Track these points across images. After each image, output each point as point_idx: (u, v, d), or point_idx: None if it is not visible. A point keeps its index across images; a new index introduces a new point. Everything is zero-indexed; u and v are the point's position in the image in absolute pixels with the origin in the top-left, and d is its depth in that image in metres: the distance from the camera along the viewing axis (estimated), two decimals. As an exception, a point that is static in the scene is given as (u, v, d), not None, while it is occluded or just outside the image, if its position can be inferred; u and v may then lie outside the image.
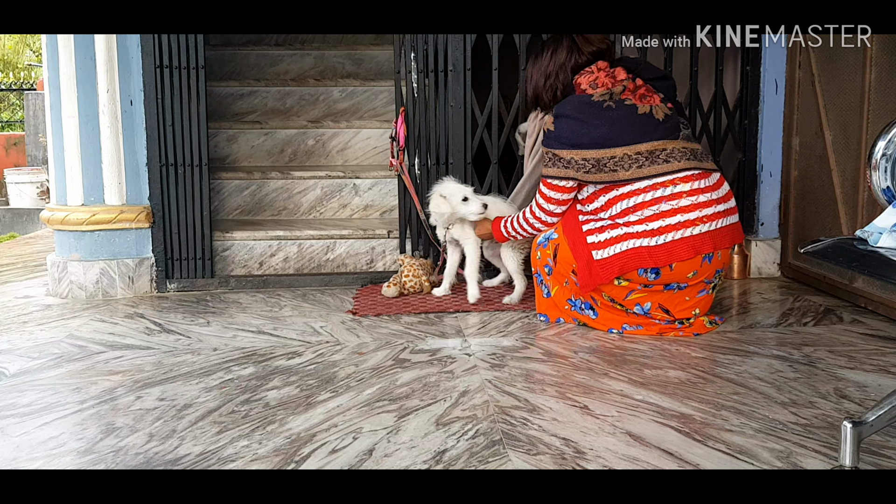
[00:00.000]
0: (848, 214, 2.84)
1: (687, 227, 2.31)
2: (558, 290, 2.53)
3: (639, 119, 2.40)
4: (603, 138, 2.37)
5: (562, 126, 2.43)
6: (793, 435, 1.66)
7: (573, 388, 1.97)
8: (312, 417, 1.80)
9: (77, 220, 3.05)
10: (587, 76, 2.49)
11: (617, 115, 2.40)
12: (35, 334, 2.56)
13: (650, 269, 2.33)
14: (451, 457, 1.58)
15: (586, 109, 2.42)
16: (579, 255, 2.40)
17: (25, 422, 1.81)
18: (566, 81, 2.55)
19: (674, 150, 2.38)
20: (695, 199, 2.34)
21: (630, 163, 2.35)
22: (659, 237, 2.31)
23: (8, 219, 8.55)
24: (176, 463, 1.57)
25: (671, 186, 2.34)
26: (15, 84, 14.16)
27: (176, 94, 3.08)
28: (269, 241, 3.30)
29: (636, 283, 2.38)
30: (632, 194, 2.36)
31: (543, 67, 2.58)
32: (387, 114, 4.10)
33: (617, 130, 2.38)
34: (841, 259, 1.48)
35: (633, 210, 2.36)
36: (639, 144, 2.36)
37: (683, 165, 2.36)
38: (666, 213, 2.33)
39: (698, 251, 2.32)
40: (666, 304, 2.43)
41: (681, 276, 2.35)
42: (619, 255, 2.34)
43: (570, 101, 2.47)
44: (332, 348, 2.35)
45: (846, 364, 2.13)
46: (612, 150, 2.36)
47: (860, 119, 2.74)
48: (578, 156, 2.39)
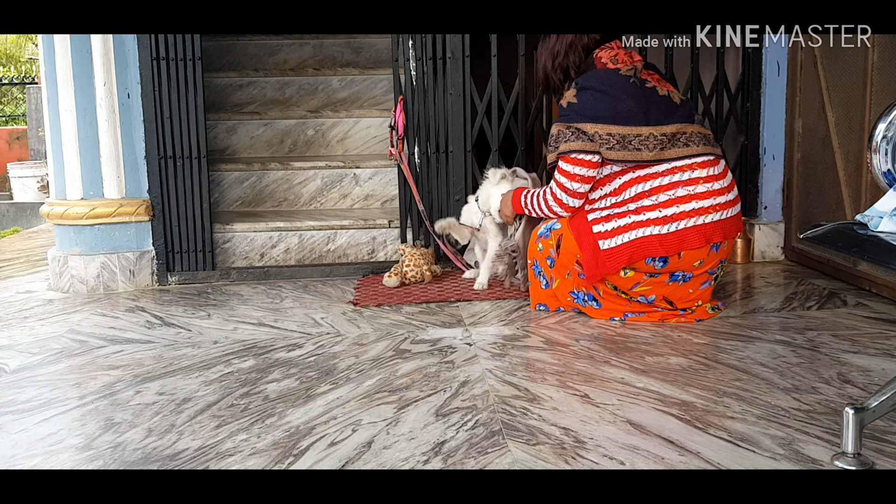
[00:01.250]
0: (851, 197, 2.81)
1: (700, 215, 2.29)
2: (560, 282, 2.49)
3: (661, 100, 2.37)
4: (629, 114, 2.32)
5: (585, 98, 2.36)
6: (795, 421, 1.65)
7: (574, 377, 1.96)
8: (312, 410, 1.79)
9: (77, 214, 3.04)
10: (608, 51, 2.43)
11: (642, 93, 2.36)
12: (36, 329, 2.56)
13: (658, 257, 2.31)
14: (451, 448, 1.57)
15: (614, 83, 2.36)
16: (584, 245, 2.36)
17: (24, 418, 1.81)
18: (578, 62, 2.48)
19: (692, 135, 2.35)
20: (710, 186, 2.32)
21: (654, 143, 2.31)
22: (671, 224, 2.28)
23: (12, 213, 8.57)
24: (174, 458, 1.57)
25: (689, 171, 2.31)
26: (17, 78, 14.15)
27: (173, 85, 3.07)
28: (270, 232, 3.29)
29: (642, 271, 2.35)
30: (649, 178, 2.32)
31: (551, 47, 2.51)
32: (386, 102, 4.08)
33: (643, 108, 2.33)
34: (841, 244, 1.46)
35: (647, 194, 2.32)
36: (663, 126, 2.33)
37: (701, 150, 2.34)
38: (682, 198, 2.30)
39: (709, 240, 2.29)
40: (670, 297, 2.41)
41: (688, 264, 2.33)
42: (627, 244, 2.30)
43: (595, 73, 2.41)
44: (332, 340, 2.34)
45: (850, 348, 2.12)
46: (639, 128, 2.31)
47: (863, 100, 2.71)
48: (603, 130, 2.32)
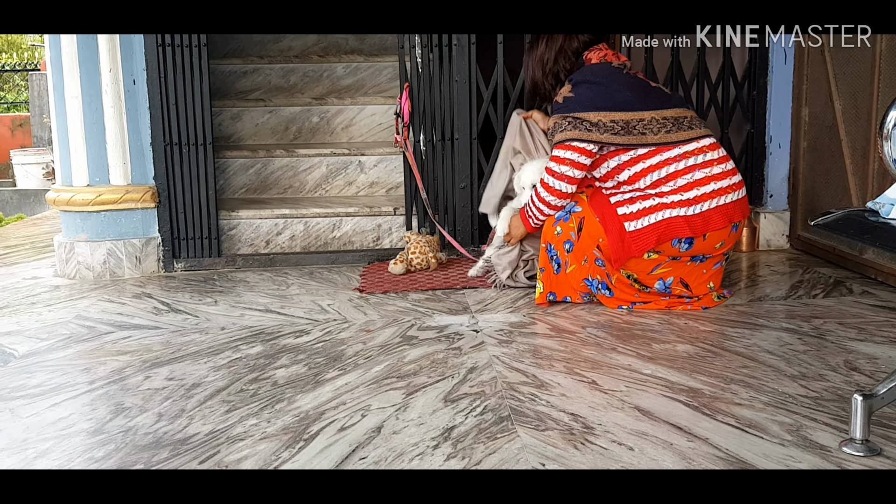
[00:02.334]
0: (858, 185, 2.81)
1: (720, 196, 2.32)
2: (576, 268, 2.45)
3: (654, 89, 2.45)
4: (627, 101, 2.37)
5: (582, 91, 2.40)
6: (802, 408, 1.66)
7: (581, 364, 1.96)
8: (321, 395, 1.80)
9: (83, 200, 3.04)
10: (597, 52, 2.51)
11: (636, 82, 2.43)
12: (43, 315, 2.57)
13: (685, 239, 2.33)
14: (460, 433, 1.58)
15: (607, 74, 2.42)
16: (610, 227, 2.35)
17: (35, 402, 1.82)
18: (569, 66, 2.55)
19: (693, 119, 2.41)
20: (724, 167, 2.36)
21: (658, 126, 2.35)
22: (696, 206, 2.31)
23: (15, 200, 8.57)
24: (185, 442, 1.58)
25: (701, 155, 2.35)
26: (19, 65, 14.11)
27: (179, 72, 3.06)
28: (276, 219, 3.29)
29: (667, 254, 2.36)
30: (662, 164, 2.34)
31: (540, 55, 2.59)
32: (391, 90, 4.06)
33: (640, 96, 2.39)
34: (852, 231, 1.46)
35: (664, 181, 2.34)
36: (664, 110, 2.38)
37: (705, 132, 2.39)
38: (700, 181, 2.32)
39: (731, 219, 2.33)
40: (686, 278, 2.42)
41: (710, 246, 2.35)
42: (654, 224, 2.31)
43: (588, 68, 2.47)
44: (339, 326, 2.35)
45: (856, 336, 2.12)
46: (640, 112, 2.35)
47: (871, 88, 2.70)
48: (606, 118, 2.35)
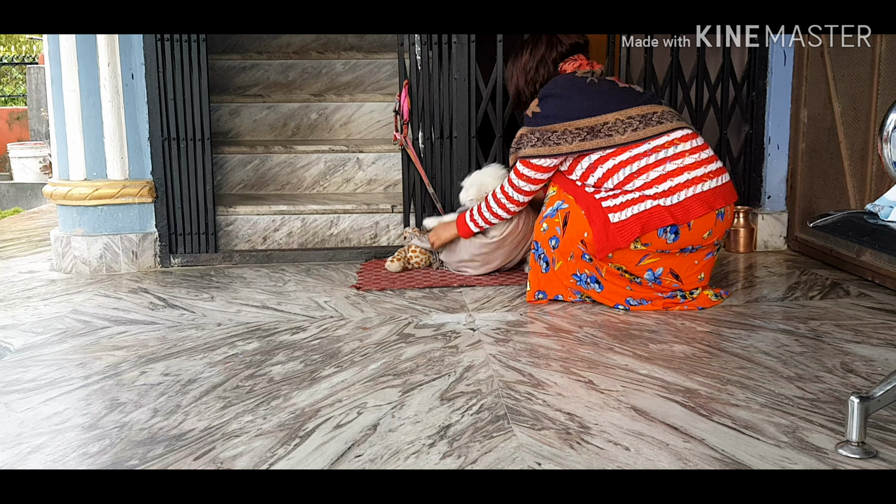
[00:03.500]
0: (856, 188, 2.81)
1: (697, 184, 2.34)
2: (562, 264, 2.48)
3: (621, 91, 2.50)
4: (590, 109, 2.43)
5: (548, 105, 2.49)
6: (799, 409, 1.66)
7: (578, 363, 1.96)
8: (317, 392, 1.80)
9: (80, 194, 3.03)
10: (572, 62, 2.60)
11: (601, 89, 2.49)
12: (39, 309, 2.56)
13: (669, 229, 2.33)
14: (456, 432, 1.57)
15: (570, 86, 2.50)
16: (594, 219, 2.38)
17: (30, 397, 1.81)
18: (547, 75, 2.62)
19: (664, 113, 2.43)
20: (697, 157, 2.38)
21: (624, 126, 2.39)
22: (672, 196, 2.33)
23: (12, 193, 8.54)
24: (181, 438, 1.57)
25: (672, 147, 2.38)
26: (17, 58, 14.07)
27: (177, 66, 3.05)
28: (273, 215, 3.28)
29: (654, 246, 2.37)
30: (633, 160, 2.38)
31: (523, 64, 2.66)
32: (390, 87, 4.06)
33: (603, 101, 2.45)
34: (851, 233, 1.46)
35: (637, 175, 2.36)
36: (629, 109, 2.42)
37: (677, 125, 2.42)
38: (672, 172, 2.35)
39: (711, 206, 2.34)
40: (677, 269, 2.42)
41: (698, 236, 2.36)
42: (638, 215, 2.33)
43: (554, 81, 2.55)
44: (336, 323, 2.34)
45: (853, 338, 2.12)
46: (602, 116, 2.41)
47: (870, 90, 2.70)
48: (572, 126, 2.43)
